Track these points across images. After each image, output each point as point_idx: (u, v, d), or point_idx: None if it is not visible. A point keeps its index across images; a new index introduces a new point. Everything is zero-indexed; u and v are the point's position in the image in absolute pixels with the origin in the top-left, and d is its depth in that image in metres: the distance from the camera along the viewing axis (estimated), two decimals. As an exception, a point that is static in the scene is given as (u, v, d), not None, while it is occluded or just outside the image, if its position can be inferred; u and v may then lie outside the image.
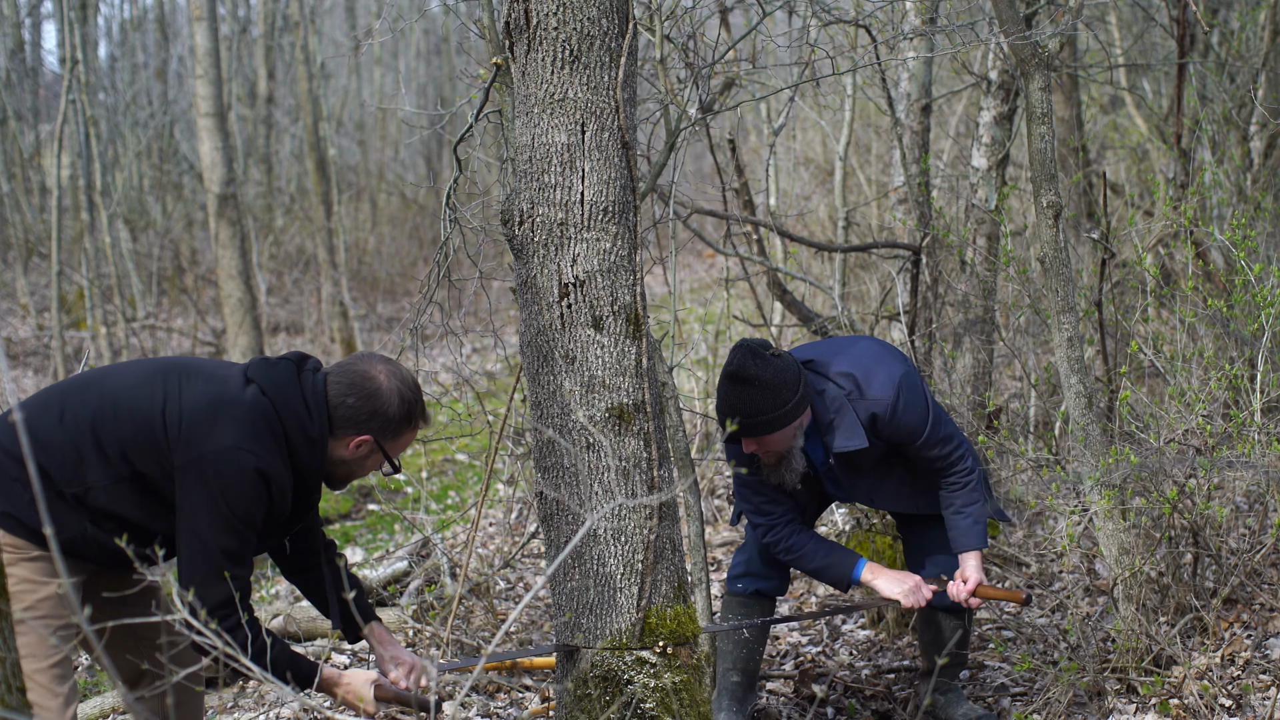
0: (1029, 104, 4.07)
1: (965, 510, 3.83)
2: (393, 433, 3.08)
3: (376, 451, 3.09)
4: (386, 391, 3.04)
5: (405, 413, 3.06)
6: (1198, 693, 3.81)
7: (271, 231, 18.04)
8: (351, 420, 3.02)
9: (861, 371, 3.76)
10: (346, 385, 3.03)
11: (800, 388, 3.64)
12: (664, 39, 4.13)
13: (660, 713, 3.29)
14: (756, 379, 3.60)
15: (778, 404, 3.61)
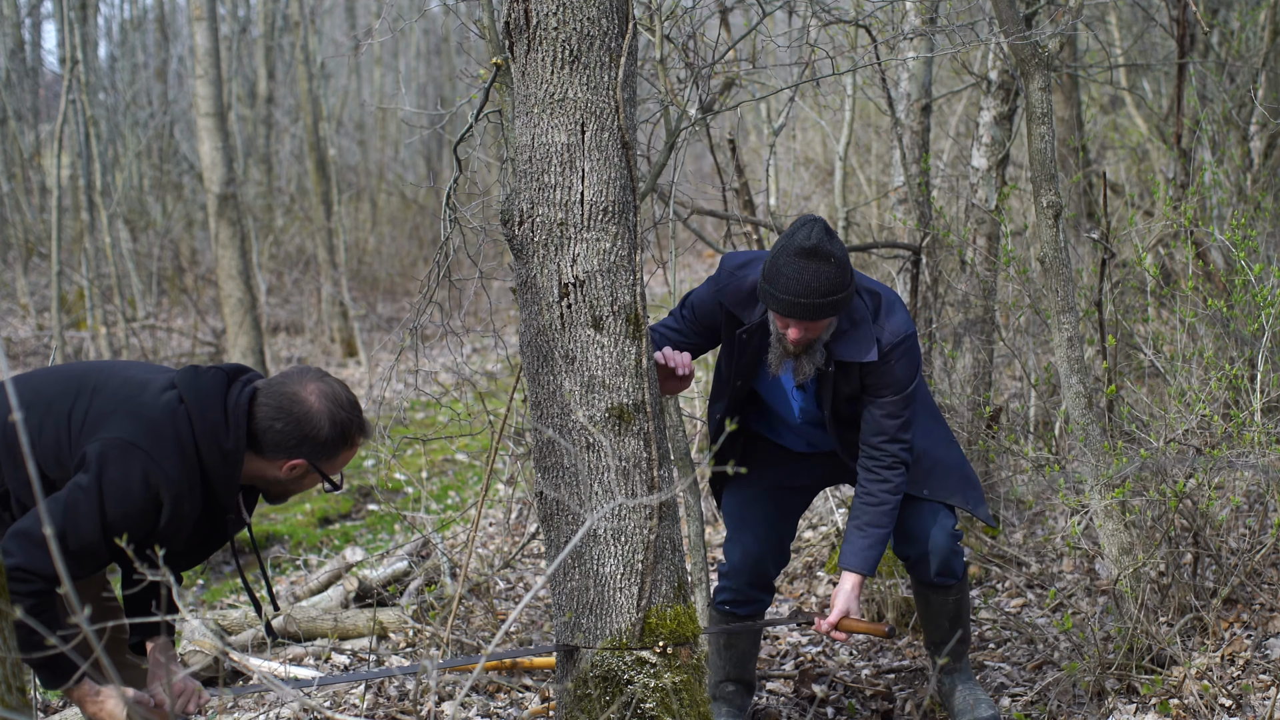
0: (1029, 104, 4.07)
1: (867, 530, 3.62)
2: (326, 455, 2.95)
3: (311, 472, 2.99)
4: (316, 415, 2.90)
5: (339, 434, 2.94)
6: (1198, 693, 3.81)
7: (271, 231, 18.03)
8: (281, 445, 2.90)
9: (885, 301, 3.61)
10: (274, 409, 2.90)
11: (851, 280, 3.50)
12: (664, 39, 4.13)
13: (660, 713, 3.29)
14: (832, 256, 3.40)
15: (845, 283, 3.44)
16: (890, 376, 3.56)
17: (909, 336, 3.56)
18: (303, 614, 5.15)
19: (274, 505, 3.15)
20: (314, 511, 8.13)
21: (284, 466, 2.96)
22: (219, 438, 2.86)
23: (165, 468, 2.81)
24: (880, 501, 3.59)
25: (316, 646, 5.01)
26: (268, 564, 6.88)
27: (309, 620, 5.12)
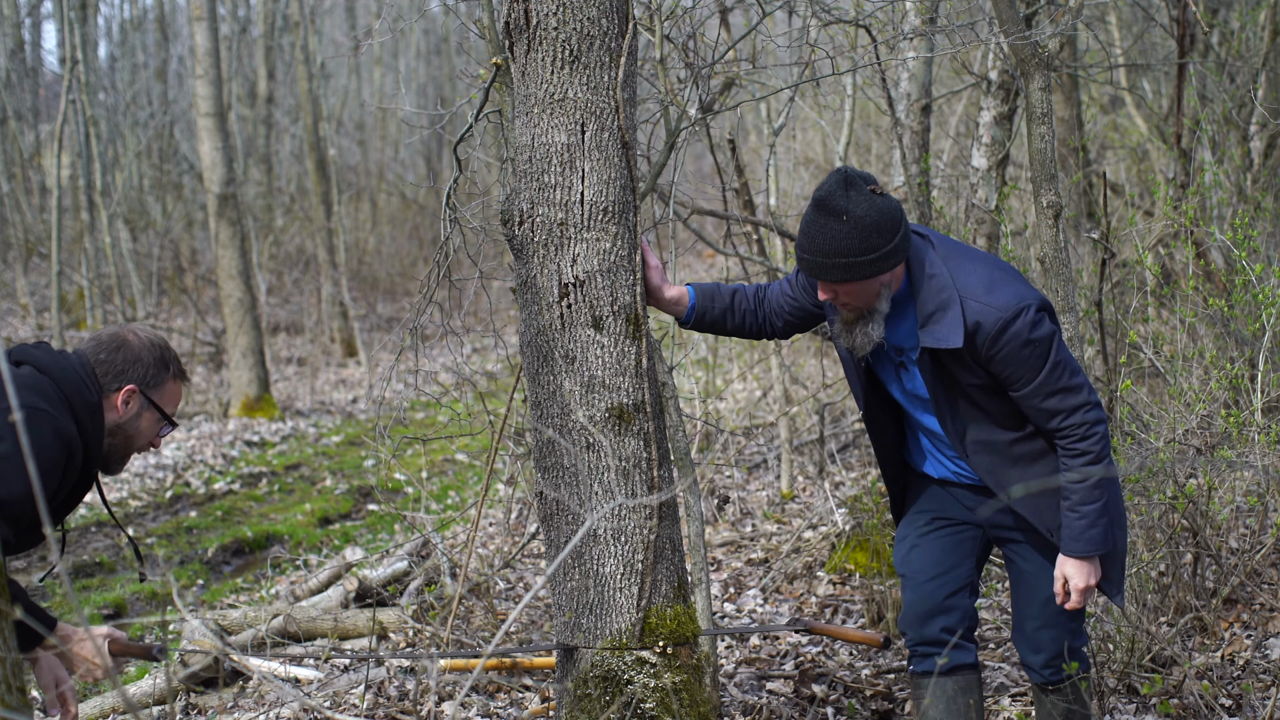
0: (1029, 104, 4.07)
1: (1080, 509, 3.15)
2: (154, 379, 3.08)
3: (147, 406, 3.08)
4: (135, 343, 3.07)
5: (159, 357, 3.08)
6: (1198, 693, 3.81)
7: (271, 231, 18.04)
8: (111, 373, 3.02)
9: (989, 274, 3.14)
10: (96, 345, 3.05)
11: (897, 238, 3.07)
12: (664, 39, 4.13)
13: (660, 713, 3.29)
14: (846, 212, 3.04)
15: (864, 247, 3.04)
16: (1013, 364, 3.09)
17: (1025, 308, 3.05)
18: (303, 614, 5.15)
19: (113, 474, 3.18)
20: (314, 511, 8.13)
21: (118, 399, 3.04)
22: (84, 393, 2.97)
23: (65, 425, 2.91)
24: (1085, 475, 3.10)
25: (316, 646, 5.01)
26: (268, 563, 6.88)
27: (309, 620, 5.12)
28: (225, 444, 10.73)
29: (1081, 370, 3.13)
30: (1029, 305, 3.06)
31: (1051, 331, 3.09)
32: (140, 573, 3.45)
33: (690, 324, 3.50)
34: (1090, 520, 3.14)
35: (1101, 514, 3.15)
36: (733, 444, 8.10)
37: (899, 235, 3.07)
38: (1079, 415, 3.09)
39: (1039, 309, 3.08)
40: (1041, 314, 3.08)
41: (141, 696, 4.63)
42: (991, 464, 3.25)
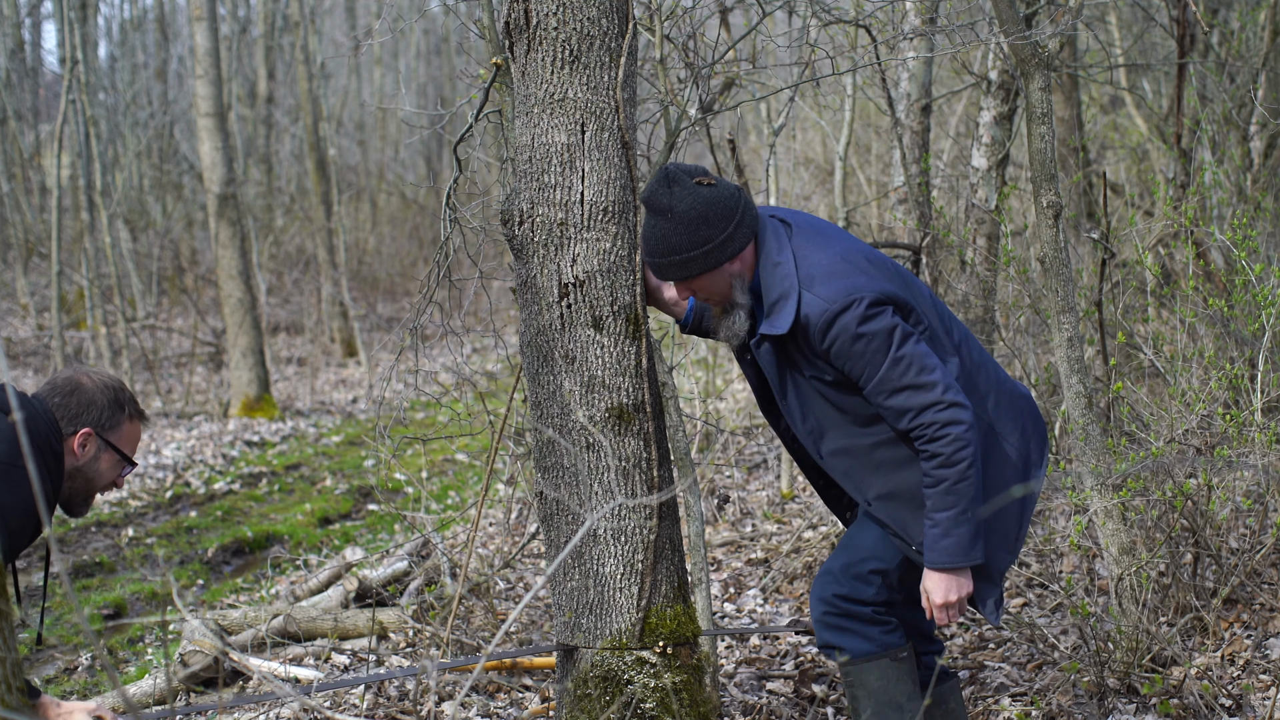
0: (1029, 104, 4.07)
1: (934, 517, 2.97)
2: (109, 421, 3.06)
3: (104, 448, 3.06)
4: (88, 386, 3.06)
5: (113, 399, 3.06)
6: (1198, 693, 3.81)
7: (271, 231, 18.04)
8: (66, 417, 3.02)
9: (831, 263, 2.98)
10: (53, 389, 3.05)
11: (731, 226, 2.99)
12: (664, 39, 4.13)
13: (660, 713, 3.29)
14: (670, 210, 2.99)
15: (694, 241, 2.98)
16: (850, 359, 2.95)
17: (853, 303, 2.91)
18: (303, 614, 5.15)
19: (76, 517, 3.17)
20: (314, 511, 8.13)
21: (75, 443, 3.02)
22: (53, 444, 2.98)
23: (41, 480, 2.92)
24: (936, 480, 2.93)
25: (316, 646, 5.01)
26: (268, 563, 6.88)
27: (309, 620, 5.12)
28: (225, 444, 10.73)
29: (939, 368, 2.94)
30: (860, 298, 2.92)
31: (890, 326, 2.92)
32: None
33: (689, 327, 3.46)
34: (944, 529, 2.95)
35: (957, 522, 2.95)
36: (733, 444, 8.10)
37: (733, 223, 3.00)
38: (929, 414, 2.91)
39: (874, 302, 2.92)
40: (877, 308, 2.92)
41: (141, 696, 4.63)
42: (849, 468, 3.11)
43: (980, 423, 3.06)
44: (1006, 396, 3.15)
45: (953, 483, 2.92)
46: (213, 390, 13.37)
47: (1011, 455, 3.12)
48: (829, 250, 3.02)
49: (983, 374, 3.14)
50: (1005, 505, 3.09)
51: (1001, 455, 3.11)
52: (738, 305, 3.09)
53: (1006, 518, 3.10)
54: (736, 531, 6.46)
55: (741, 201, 3.04)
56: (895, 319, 2.93)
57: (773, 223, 3.10)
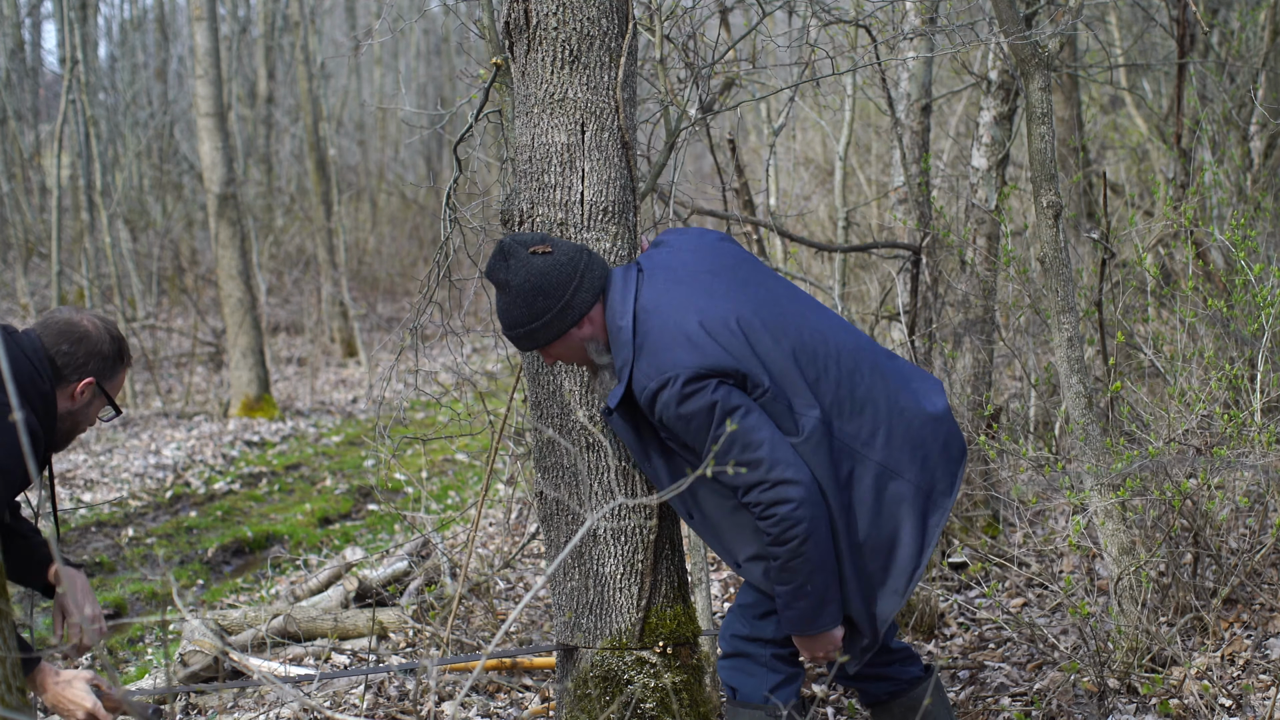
0: (1029, 104, 4.07)
1: (776, 589, 2.93)
2: (110, 371, 3.08)
3: (98, 395, 3.08)
4: (95, 333, 3.05)
5: (117, 350, 3.08)
6: (1198, 693, 3.81)
7: (271, 231, 18.04)
8: (71, 366, 3.01)
9: (664, 334, 2.90)
10: (56, 335, 3.01)
11: (568, 294, 2.96)
12: (664, 39, 4.13)
13: (660, 713, 3.29)
14: (508, 284, 2.98)
15: (532, 313, 2.96)
16: (679, 432, 2.91)
17: (669, 381, 2.85)
18: (303, 614, 5.15)
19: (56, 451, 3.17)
20: (314, 511, 8.14)
21: (75, 391, 3.03)
22: (38, 384, 2.96)
23: (28, 420, 2.90)
24: (772, 556, 2.89)
25: (316, 646, 5.01)
26: (268, 563, 6.88)
27: (309, 620, 5.12)
28: (225, 444, 10.73)
29: (767, 443, 2.83)
30: (675, 376, 2.83)
31: (709, 403, 2.83)
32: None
33: None
34: (785, 601, 2.92)
35: (796, 596, 2.89)
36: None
37: (570, 290, 2.96)
38: (754, 494, 2.83)
39: (690, 380, 2.83)
40: (695, 384, 2.83)
41: (141, 696, 4.63)
42: (716, 530, 3.06)
43: (866, 464, 2.94)
44: (903, 427, 3.00)
45: (785, 561, 2.86)
46: (213, 390, 13.37)
47: (907, 493, 2.98)
48: (665, 315, 2.93)
49: (869, 411, 2.97)
50: (892, 551, 2.97)
51: (895, 495, 2.97)
52: (600, 367, 3.06)
53: (896, 562, 2.98)
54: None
55: (580, 264, 2.98)
56: (716, 394, 2.83)
57: (626, 277, 3.02)
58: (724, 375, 2.86)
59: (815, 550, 2.85)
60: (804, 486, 2.83)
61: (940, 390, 3.12)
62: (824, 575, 2.88)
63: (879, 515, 2.96)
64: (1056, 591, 4.83)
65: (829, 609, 2.92)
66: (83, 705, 2.91)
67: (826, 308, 3.17)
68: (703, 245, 3.13)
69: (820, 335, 3.01)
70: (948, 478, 3.03)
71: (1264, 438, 4.18)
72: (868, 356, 3.05)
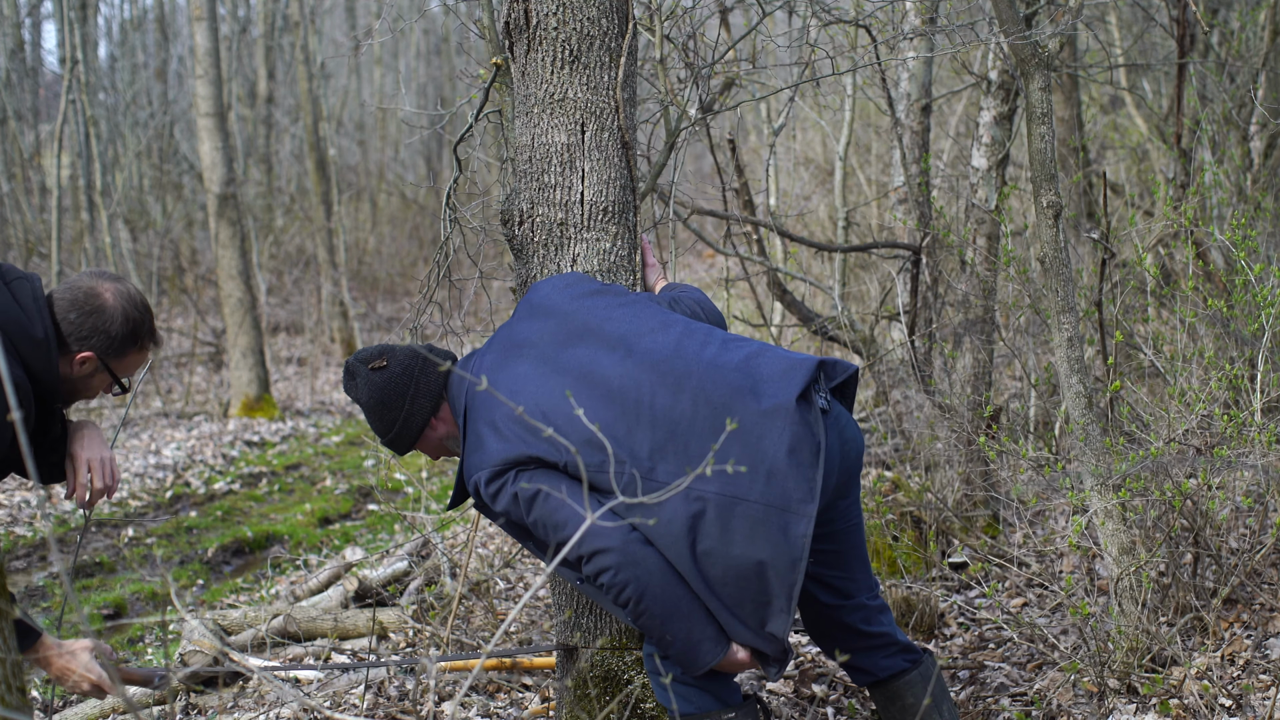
0: (1029, 104, 4.07)
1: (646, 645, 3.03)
2: (117, 351, 2.95)
3: (101, 369, 2.96)
4: (111, 309, 2.93)
5: (130, 331, 2.95)
6: (1198, 693, 3.81)
7: (271, 231, 18.05)
8: (74, 336, 2.89)
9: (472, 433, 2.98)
10: (69, 301, 2.91)
11: (406, 402, 3.07)
12: (664, 39, 4.13)
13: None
14: (360, 402, 3.13)
15: (386, 424, 3.10)
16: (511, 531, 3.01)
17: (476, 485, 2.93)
18: (303, 614, 5.15)
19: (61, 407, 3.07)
20: (314, 511, 8.14)
21: (75, 360, 2.93)
22: (28, 329, 2.84)
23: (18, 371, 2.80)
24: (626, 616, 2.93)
25: (316, 646, 5.01)
26: (268, 563, 6.88)
27: (309, 620, 5.12)
28: (225, 444, 10.73)
29: (571, 522, 2.82)
30: (478, 479, 2.90)
31: (511, 496, 2.86)
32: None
33: None
34: (660, 650, 2.95)
35: (664, 646, 2.90)
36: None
37: (407, 399, 3.05)
38: (589, 567, 2.83)
39: (490, 479, 2.88)
40: (496, 481, 2.88)
41: (141, 696, 4.63)
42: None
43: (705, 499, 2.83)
44: (738, 448, 2.84)
45: (635, 620, 2.87)
46: (213, 390, 13.37)
47: (757, 513, 2.83)
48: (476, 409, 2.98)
49: (694, 444, 2.86)
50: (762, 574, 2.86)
51: (743, 520, 2.83)
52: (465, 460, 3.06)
53: (769, 583, 2.86)
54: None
55: (414, 373, 3.06)
56: (515, 485, 2.85)
57: (466, 368, 3.08)
58: (522, 463, 2.87)
59: (654, 604, 2.83)
60: (615, 552, 2.80)
61: (792, 379, 2.90)
62: (677, 622, 2.86)
63: (730, 546, 2.84)
64: (1056, 591, 4.83)
65: (703, 646, 2.89)
66: (88, 677, 2.85)
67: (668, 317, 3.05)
68: (536, 304, 3.11)
69: (633, 381, 2.92)
70: (803, 484, 2.84)
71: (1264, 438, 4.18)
72: (693, 382, 2.91)
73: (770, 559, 2.83)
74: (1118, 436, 4.46)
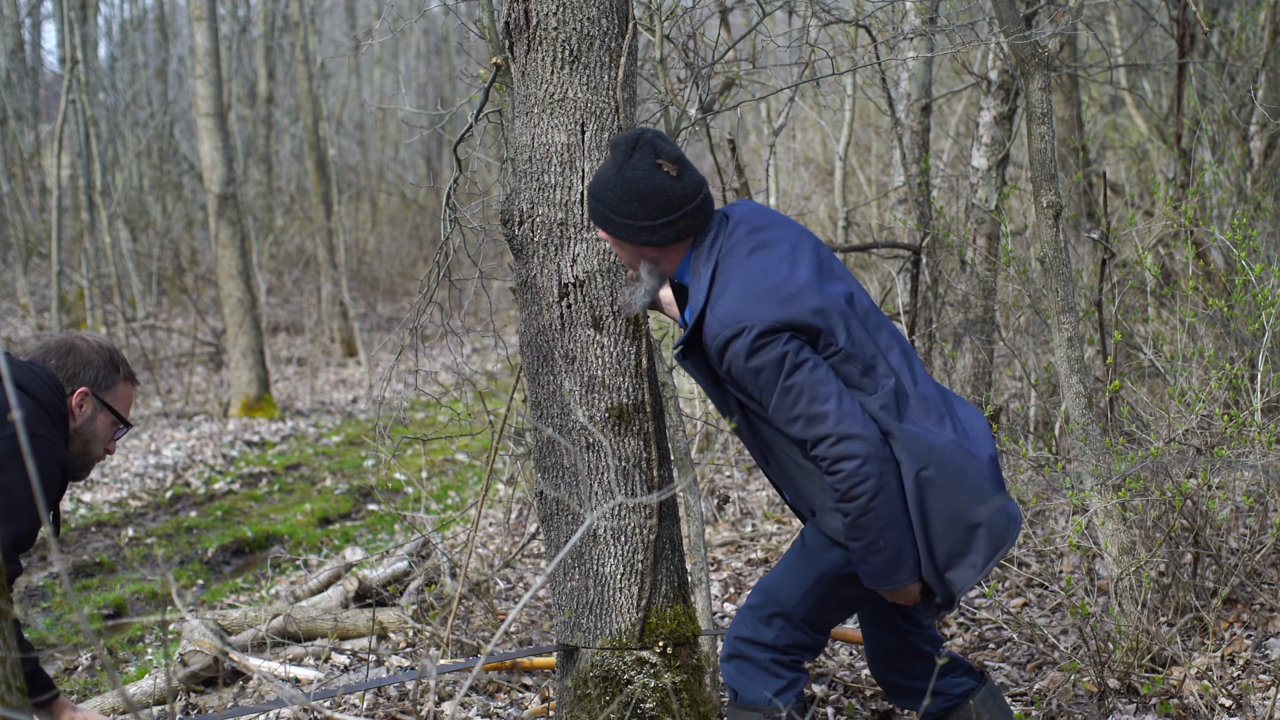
0: (1029, 104, 4.07)
1: (849, 544, 2.94)
2: (105, 381, 3.09)
3: (100, 409, 3.08)
4: (83, 346, 3.09)
5: (108, 359, 3.10)
6: (1198, 693, 3.81)
7: (271, 231, 18.05)
8: (64, 378, 3.05)
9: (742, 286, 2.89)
10: (45, 352, 3.08)
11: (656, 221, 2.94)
12: (664, 39, 4.13)
13: (660, 713, 3.29)
14: (618, 166, 2.96)
15: (615, 207, 2.96)
16: (746, 383, 2.91)
17: (742, 332, 2.84)
18: (303, 614, 5.15)
19: (77, 480, 3.20)
20: (314, 511, 8.14)
21: (72, 404, 3.05)
22: (61, 408, 3.01)
23: (61, 448, 2.96)
24: (843, 512, 2.90)
25: (316, 646, 5.01)
26: (268, 563, 6.88)
27: (309, 620, 5.12)
28: (225, 444, 10.73)
29: (834, 397, 2.82)
30: (750, 327, 2.83)
31: (779, 355, 2.82)
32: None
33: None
34: (859, 556, 2.92)
35: (870, 551, 2.89)
36: (733, 444, 8.10)
37: (661, 220, 2.94)
38: (821, 448, 2.82)
39: (763, 333, 2.82)
40: (767, 337, 2.82)
41: (141, 696, 4.63)
42: (791, 479, 3.06)
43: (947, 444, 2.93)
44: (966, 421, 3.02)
45: (855, 517, 2.85)
46: (213, 390, 13.37)
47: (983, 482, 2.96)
48: (747, 269, 2.93)
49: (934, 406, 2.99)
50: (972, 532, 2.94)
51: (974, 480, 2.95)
52: (643, 283, 3.05)
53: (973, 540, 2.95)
54: (736, 531, 6.46)
55: (688, 205, 2.96)
56: (787, 347, 2.84)
57: (719, 225, 3.02)
58: (798, 330, 2.85)
59: (883, 506, 2.85)
60: (871, 443, 2.82)
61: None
62: (894, 531, 2.88)
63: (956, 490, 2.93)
64: (1056, 591, 4.83)
65: (905, 564, 2.92)
66: None
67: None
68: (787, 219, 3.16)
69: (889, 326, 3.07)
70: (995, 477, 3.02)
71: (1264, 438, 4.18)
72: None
73: (987, 523, 2.93)
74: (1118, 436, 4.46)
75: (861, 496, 2.83)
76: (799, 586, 3.07)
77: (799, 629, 3.09)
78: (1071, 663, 4.00)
